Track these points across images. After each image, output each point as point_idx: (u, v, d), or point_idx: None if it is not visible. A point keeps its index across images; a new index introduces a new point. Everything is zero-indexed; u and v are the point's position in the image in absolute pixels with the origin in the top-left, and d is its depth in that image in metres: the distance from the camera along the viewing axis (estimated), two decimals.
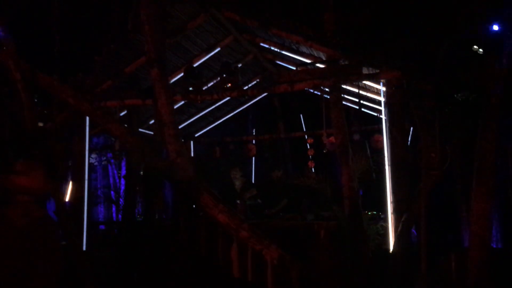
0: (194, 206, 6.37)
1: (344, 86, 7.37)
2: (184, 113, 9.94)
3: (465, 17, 5.10)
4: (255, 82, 9.96)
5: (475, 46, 5.13)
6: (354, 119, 9.14)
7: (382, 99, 6.87)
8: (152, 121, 9.20)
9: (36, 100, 6.42)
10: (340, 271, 5.65)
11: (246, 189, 7.87)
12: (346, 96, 8.33)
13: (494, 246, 7.83)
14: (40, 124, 6.47)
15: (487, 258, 4.63)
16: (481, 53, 4.96)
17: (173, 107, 5.54)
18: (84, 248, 6.66)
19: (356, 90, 8.09)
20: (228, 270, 5.66)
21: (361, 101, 8.15)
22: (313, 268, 5.40)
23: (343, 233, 5.93)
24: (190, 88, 7.07)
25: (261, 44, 7.99)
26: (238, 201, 7.38)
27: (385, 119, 6.31)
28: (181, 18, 7.01)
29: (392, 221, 5.98)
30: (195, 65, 8.01)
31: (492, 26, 4.80)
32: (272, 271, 5.13)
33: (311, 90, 9.33)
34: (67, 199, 6.89)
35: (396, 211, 5.88)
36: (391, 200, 6.03)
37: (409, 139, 7.52)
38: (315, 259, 5.70)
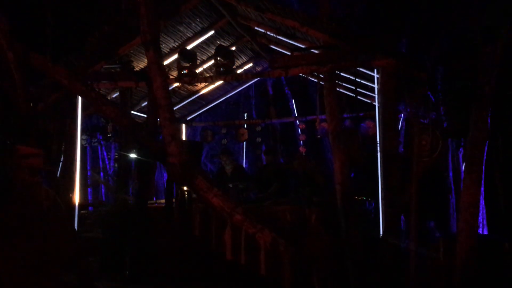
0: (186, 189, 6.42)
1: (337, 72, 7.39)
2: (176, 96, 9.90)
3: (461, 7, 5.13)
4: (249, 66, 9.93)
5: (470, 36, 5.17)
6: (346, 105, 9.20)
7: (375, 86, 6.91)
8: (144, 104, 9.15)
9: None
10: (331, 255, 5.74)
11: (237, 173, 7.92)
12: (339, 82, 8.36)
13: (480, 232, 7.99)
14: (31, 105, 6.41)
15: (475, 244, 4.73)
16: (476, 42, 5.00)
17: (169, 89, 5.53)
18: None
19: (349, 76, 8.14)
20: (221, 253, 5.73)
21: (354, 87, 8.20)
22: (304, 252, 5.47)
23: (334, 218, 6.01)
24: (184, 71, 7.04)
25: (256, 28, 7.95)
26: (230, 185, 7.43)
27: (378, 106, 6.36)
28: (175, 0, 6.94)
29: (383, 207, 6.06)
30: (188, 47, 7.97)
31: (487, 16, 4.84)
32: (265, 255, 5.20)
33: (303, 75, 9.33)
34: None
35: (386, 197, 5.96)
36: (382, 186, 6.10)
37: (400, 126, 7.60)
38: (306, 243, 5.76)
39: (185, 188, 6.33)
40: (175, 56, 7.77)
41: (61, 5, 6.60)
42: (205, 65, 8.99)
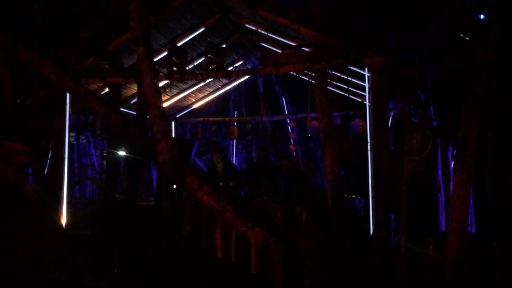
0: (175, 187, 6.38)
1: (328, 71, 7.36)
2: (166, 93, 9.83)
3: (452, 5, 5.14)
4: (239, 63, 9.89)
5: (461, 34, 5.18)
6: (337, 103, 9.21)
7: (366, 84, 6.91)
8: (133, 100, 9.08)
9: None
10: (321, 252, 5.74)
11: (228, 171, 7.88)
12: (329, 81, 8.34)
13: (469, 231, 8.03)
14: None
15: (465, 242, 4.75)
16: (467, 41, 5.01)
17: (159, 87, 5.46)
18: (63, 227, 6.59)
19: (339, 74, 8.13)
20: (212, 251, 5.69)
21: (344, 86, 8.21)
22: (295, 250, 5.46)
23: (324, 216, 6.01)
24: (174, 68, 6.98)
25: (247, 25, 7.91)
26: (220, 183, 7.40)
27: (369, 105, 6.36)
28: None
29: (373, 205, 6.07)
30: (179, 44, 7.90)
31: (479, 15, 4.85)
32: (256, 253, 5.17)
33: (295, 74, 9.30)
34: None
35: (377, 195, 5.97)
36: (372, 184, 6.11)
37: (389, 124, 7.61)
38: (297, 241, 5.76)
39: (175, 186, 6.29)
40: (165, 53, 7.71)
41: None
42: (196, 62, 8.93)
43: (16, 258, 2.52)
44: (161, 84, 8.63)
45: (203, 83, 9.95)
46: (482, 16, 4.83)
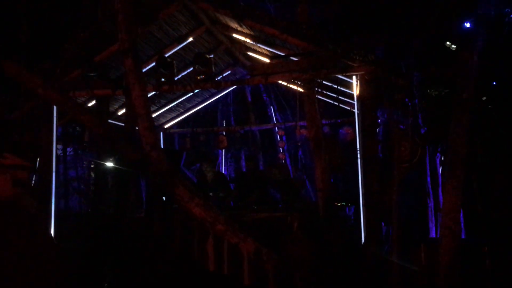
0: (165, 198, 6.32)
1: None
2: (154, 103, 9.78)
3: (439, 13, 5.20)
4: (227, 73, 9.88)
5: (447, 43, 5.24)
6: (324, 112, 9.24)
7: (354, 93, 6.94)
8: (121, 112, 9.01)
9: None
10: (313, 262, 5.72)
11: (218, 181, 7.84)
12: (318, 89, 8.37)
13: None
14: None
15: (457, 249, 4.77)
16: (453, 49, 5.08)
17: (148, 98, 5.44)
18: None
19: (327, 83, 8.16)
20: (203, 263, 5.64)
21: (332, 94, 8.25)
22: (287, 260, 5.44)
23: (316, 224, 6.00)
24: (162, 79, 6.95)
25: (234, 35, 7.92)
26: (210, 194, 7.36)
27: (357, 113, 6.39)
28: (153, 7, 6.86)
29: (364, 213, 6.08)
30: (166, 55, 7.88)
31: (465, 23, 4.92)
32: (248, 264, 5.14)
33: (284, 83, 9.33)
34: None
35: (367, 203, 5.98)
36: (363, 192, 6.12)
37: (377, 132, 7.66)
38: (289, 250, 5.73)
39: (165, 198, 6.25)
40: (153, 64, 7.67)
41: (35, 11, 6.44)
42: (184, 73, 8.91)
43: (12, 269, 2.50)
44: (149, 95, 8.57)
45: (191, 93, 9.90)
46: (467, 25, 4.89)
